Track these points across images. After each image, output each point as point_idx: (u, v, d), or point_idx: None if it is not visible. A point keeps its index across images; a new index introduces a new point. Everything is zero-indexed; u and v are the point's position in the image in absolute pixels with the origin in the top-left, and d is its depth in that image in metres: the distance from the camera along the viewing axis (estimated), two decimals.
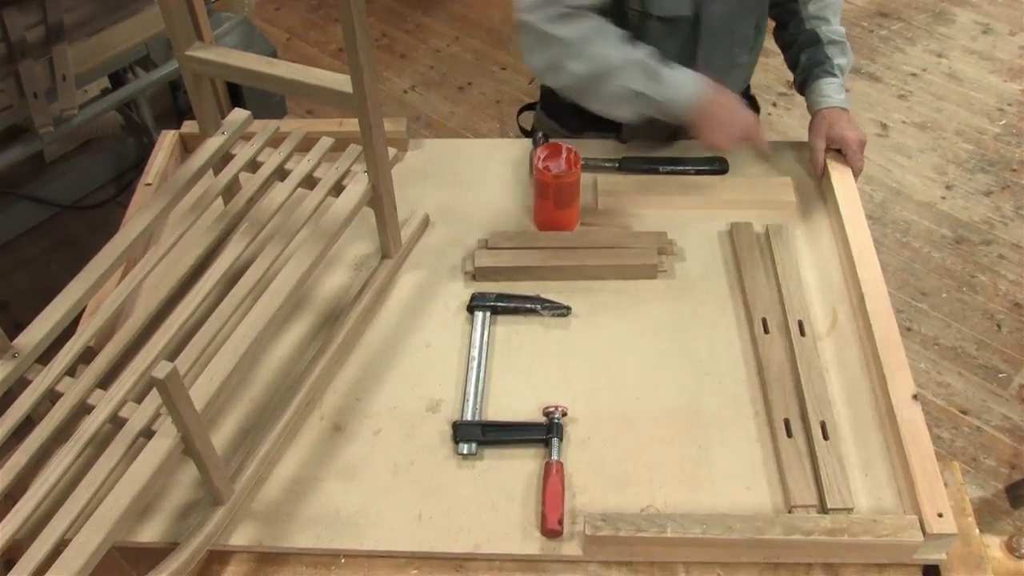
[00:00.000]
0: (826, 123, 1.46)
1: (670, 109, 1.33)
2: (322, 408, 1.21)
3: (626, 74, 1.31)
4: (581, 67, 1.32)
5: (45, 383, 1.06)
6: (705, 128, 1.35)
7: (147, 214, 1.23)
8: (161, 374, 0.86)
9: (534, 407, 1.19)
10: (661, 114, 1.35)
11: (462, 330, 1.30)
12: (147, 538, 1.08)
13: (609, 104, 1.35)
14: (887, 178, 2.81)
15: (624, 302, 1.33)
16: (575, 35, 1.32)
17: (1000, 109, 3.05)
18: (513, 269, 1.35)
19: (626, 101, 1.34)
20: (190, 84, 1.28)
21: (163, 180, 1.49)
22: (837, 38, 1.50)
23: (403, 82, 3.24)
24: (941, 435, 2.15)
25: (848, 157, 1.46)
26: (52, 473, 0.99)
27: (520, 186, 1.51)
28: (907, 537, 1.02)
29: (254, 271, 1.17)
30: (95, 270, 1.16)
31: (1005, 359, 2.31)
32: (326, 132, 1.41)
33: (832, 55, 1.49)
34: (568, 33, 1.32)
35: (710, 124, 1.34)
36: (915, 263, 2.55)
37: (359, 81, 1.11)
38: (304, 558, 1.08)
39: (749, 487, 1.11)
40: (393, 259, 1.36)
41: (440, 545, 1.07)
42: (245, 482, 1.10)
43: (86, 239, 2.58)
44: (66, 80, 1.97)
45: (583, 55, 1.32)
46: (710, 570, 1.07)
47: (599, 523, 1.04)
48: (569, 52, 1.32)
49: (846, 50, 1.51)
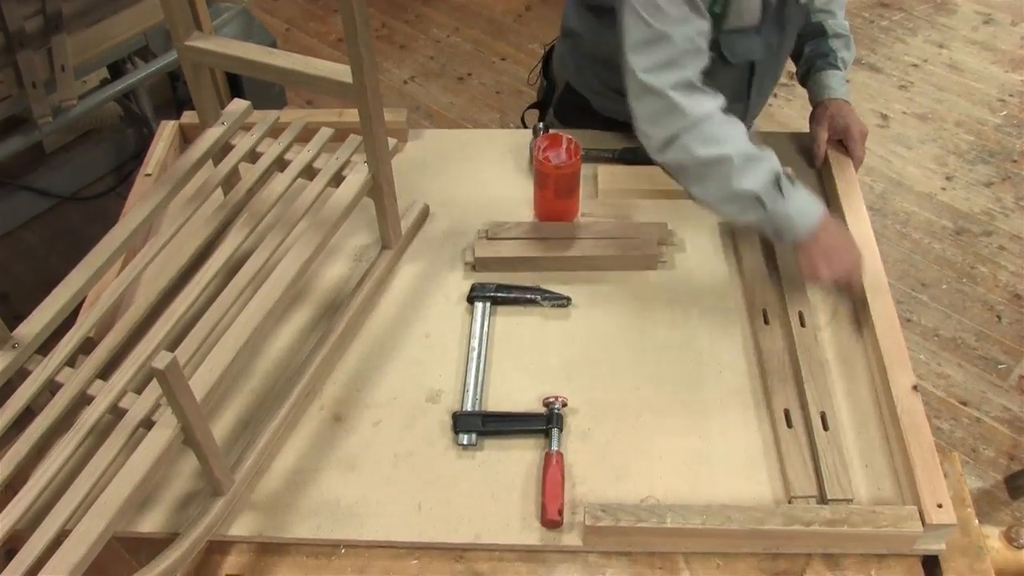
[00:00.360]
0: (828, 114, 1.46)
1: (781, 228, 1.21)
2: (322, 399, 1.21)
3: (750, 176, 1.17)
4: (705, 151, 1.18)
5: (45, 374, 1.06)
6: (813, 259, 1.21)
7: (147, 205, 1.23)
8: (161, 364, 0.86)
9: (534, 397, 1.19)
10: (768, 228, 1.23)
11: (462, 321, 1.30)
12: (148, 528, 1.08)
13: (719, 199, 1.21)
14: (887, 169, 2.81)
15: (624, 293, 1.33)
16: (701, 113, 1.19)
17: (1001, 100, 3.04)
18: (513, 260, 1.35)
19: (740, 202, 1.19)
20: (189, 74, 1.27)
21: (163, 171, 1.49)
22: (842, 31, 1.49)
23: (403, 72, 3.23)
24: (941, 426, 2.15)
25: (850, 148, 1.45)
26: (52, 463, 0.99)
27: (520, 176, 1.50)
28: (907, 528, 1.02)
29: (254, 262, 1.17)
30: (95, 261, 1.16)
31: (1005, 350, 2.31)
32: (326, 122, 1.40)
33: (836, 48, 1.48)
34: (695, 109, 1.18)
35: (819, 256, 1.21)
36: (915, 254, 2.55)
37: (359, 71, 1.11)
38: (304, 548, 1.08)
39: (749, 478, 1.12)
40: (393, 250, 1.36)
41: (440, 535, 1.07)
42: (245, 473, 1.10)
43: (86, 230, 2.58)
44: (65, 70, 1.97)
45: (710, 139, 1.18)
46: (710, 561, 1.07)
47: (599, 513, 1.04)
48: (695, 132, 1.18)
49: (850, 44, 1.50)
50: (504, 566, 1.07)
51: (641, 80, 1.19)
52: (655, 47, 1.18)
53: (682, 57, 1.18)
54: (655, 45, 1.18)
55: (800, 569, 1.06)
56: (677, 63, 1.18)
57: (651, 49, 1.18)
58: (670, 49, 1.17)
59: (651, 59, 1.18)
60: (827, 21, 1.48)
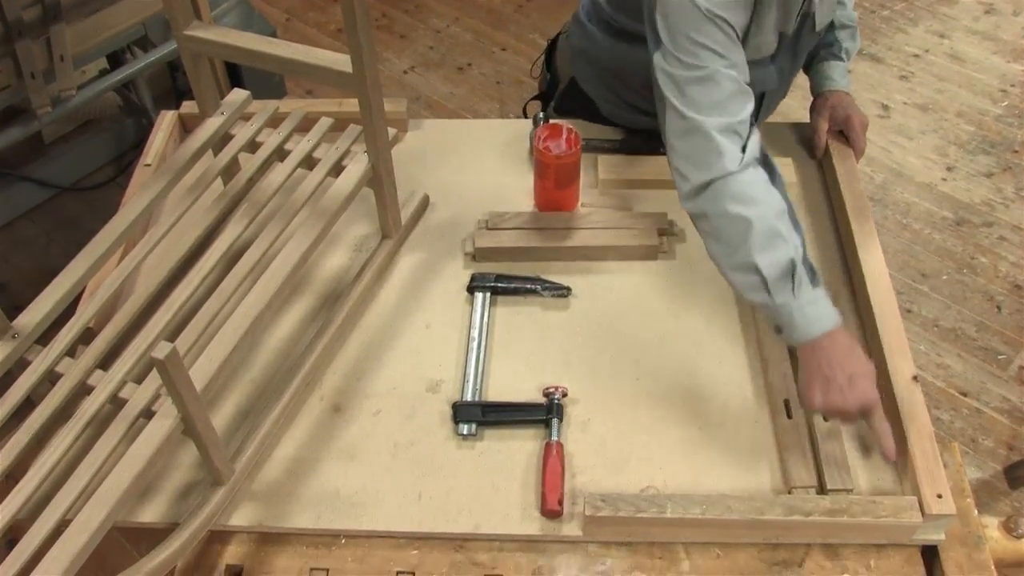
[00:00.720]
0: (829, 104, 1.45)
1: (783, 323, 1.08)
2: (322, 389, 1.21)
3: (765, 252, 1.06)
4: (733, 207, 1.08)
5: (45, 364, 1.06)
6: (809, 378, 1.07)
7: (146, 195, 1.22)
8: (161, 354, 0.86)
9: (534, 388, 1.19)
10: (770, 318, 1.11)
11: (462, 311, 1.30)
12: (148, 518, 1.08)
13: (729, 264, 1.11)
14: (888, 159, 2.80)
15: (625, 283, 1.33)
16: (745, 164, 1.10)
17: (1002, 90, 3.03)
18: (513, 250, 1.35)
19: (746, 275, 1.09)
20: (189, 64, 1.27)
21: (162, 161, 1.48)
22: (848, 23, 1.48)
23: (403, 63, 3.22)
24: (940, 416, 2.16)
25: (851, 138, 1.45)
26: (53, 454, 0.99)
27: (520, 166, 1.50)
28: (906, 518, 1.02)
29: (254, 252, 1.17)
30: (94, 251, 1.15)
31: (1005, 341, 2.31)
32: (326, 112, 1.40)
33: (842, 39, 1.47)
34: (740, 158, 1.10)
35: (815, 376, 1.06)
36: (915, 245, 2.55)
37: (359, 61, 1.10)
38: (304, 538, 1.09)
39: (749, 468, 1.12)
40: (393, 240, 1.36)
41: (440, 525, 1.07)
42: (245, 463, 1.10)
43: (85, 220, 2.58)
44: (64, 60, 1.96)
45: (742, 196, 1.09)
46: (709, 551, 1.07)
47: (599, 503, 1.04)
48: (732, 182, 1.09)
49: (856, 35, 1.49)
50: (504, 556, 1.07)
51: (689, 118, 1.11)
52: (702, 87, 1.11)
53: (730, 100, 1.11)
54: (703, 85, 1.11)
55: (800, 559, 1.06)
56: (724, 106, 1.11)
57: (698, 89, 1.11)
58: (716, 91, 1.11)
59: (698, 99, 1.11)
60: (835, 11, 1.46)
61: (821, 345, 1.06)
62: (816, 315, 1.07)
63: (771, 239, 1.07)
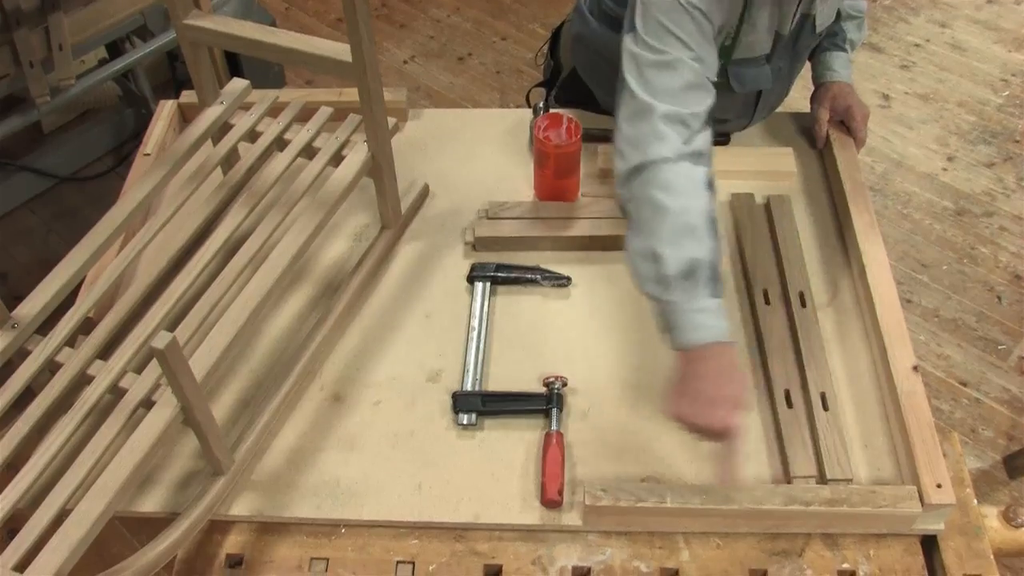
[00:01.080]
0: (830, 94, 1.45)
1: (669, 323, 1.04)
2: (322, 378, 1.21)
3: (674, 245, 1.03)
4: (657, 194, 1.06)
5: (45, 354, 1.06)
6: (677, 387, 1.02)
7: (146, 184, 1.22)
8: (161, 344, 0.86)
9: (534, 377, 1.19)
10: (658, 315, 1.07)
11: (462, 300, 1.29)
12: (148, 508, 1.08)
13: (636, 250, 1.08)
14: (888, 149, 2.79)
15: (625, 273, 1.31)
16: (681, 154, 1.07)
17: (1004, 80, 3.03)
18: (513, 239, 1.34)
19: (649, 265, 1.05)
20: (188, 54, 1.26)
21: (162, 150, 1.48)
22: (855, 13, 1.46)
23: (403, 52, 3.21)
24: (940, 407, 2.16)
25: (852, 129, 1.45)
26: (53, 443, 0.99)
27: (520, 156, 1.50)
28: (906, 507, 1.02)
29: (253, 241, 1.17)
30: (94, 240, 1.15)
31: (1005, 331, 2.31)
32: (325, 102, 1.40)
33: (847, 29, 1.46)
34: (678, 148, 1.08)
35: (684, 387, 1.01)
36: (916, 235, 2.54)
37: (358, 50, 1.10)
38: (304, 528, 1.09)
39: (749, 458, 1.12)
40: (393, 229, 1.36)
41: (440, 515, 1.08)
42: (245, 452, 1.10)
43: (85, 210, 2.57)
44: (62, 50, 1.96)
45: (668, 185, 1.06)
46: (709, 540, 1.07)
47: (599, 493, 1.04)
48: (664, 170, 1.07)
49: (862, 25, 1.48)
50: (504, 546, 1.07)
51: (639, 99, 1.10)
52: (661, 72, 1.10)
53: (685, 90, 1.10)
54: (662, 70, 1.10)
55: (799, 549, 1.06)
56: (677, 95, 1.10)
57: (656, 73, 1.10)
58: (674, 78, 1.10)
59: (654, 82, 1.10)
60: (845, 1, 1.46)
61: (700, 355, 1.01)
62: (704, 323, 1.02)
63: (683, 234, 1.04)
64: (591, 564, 1.05)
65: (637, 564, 1.05)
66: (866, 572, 1.04)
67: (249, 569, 1.06)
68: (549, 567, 1.05)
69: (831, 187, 1.44)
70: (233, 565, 1.06)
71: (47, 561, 0.88)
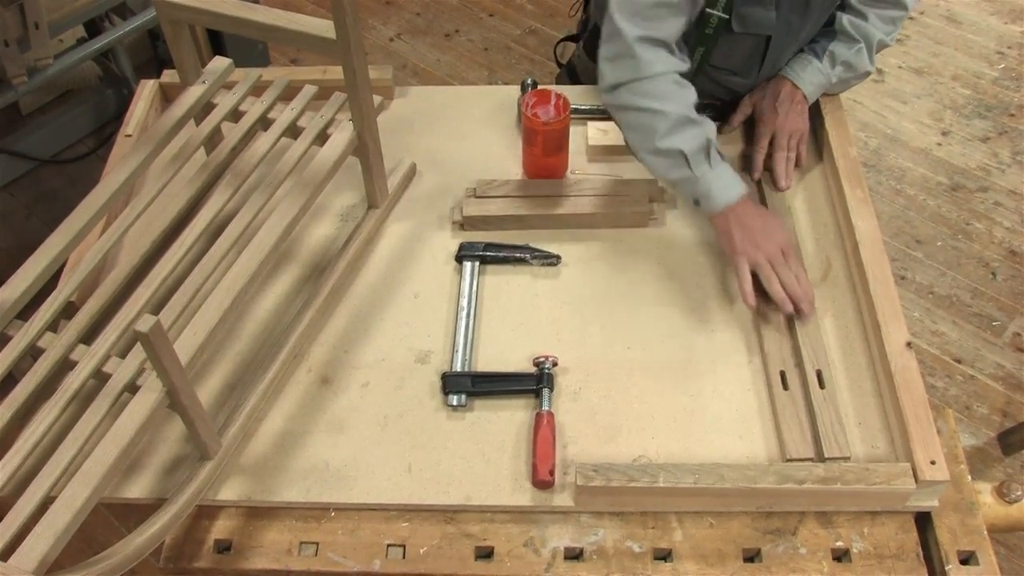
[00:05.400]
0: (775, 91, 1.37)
1: (700, 195, 1.21)
2: (309, 361, 1.19)
3: (681, 136, 1.19)
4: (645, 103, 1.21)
5: (26, 339, 1.04)
6: (728, 232, 1.20)
7: (128, 165, 1.20)
8: (145, 328, 0.84)
9: (524, 357, 1.18)
10: (688, 192, 1.23)
11: (450, 280, 1.28)
12: (135, 494, 1.07)
13: (647, 150, 1.23)
14: (882, 124, 2.78)
15: (615, 251, 1.31)
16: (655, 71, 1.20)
17: (1000, 52, 3.00)
18: (502, 218, 1.33)
19: (666, 158, 1.21)
20: (168, 32, 1.24)
21: (143, 131, 1.46)
22: (851, 31, 1.36)
23: (389, 30, 3.18)
24: (935, 383, 2.16)
25: (774, 144, 1.36)
26: (36, 429, 0.97)
27: (508, 134, 1.48)
28: (900, 484, 1.02)
29: (238, 222, 1.15)
30: (75, 223, 1.13)
31: (999, 307, 2.31)
32: (310, 80, 1.37)
33: (833, 46, 1.36)
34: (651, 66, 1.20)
35: (735, 229, 1.20)
36: (910, 211, 2.53)
37: (343, 26, 1.08)
38: (293, 512, 1.08)
39: (742, 436, 1.11)
40: (380, 209, 1.34)
41: (430, 497, 1.07)
42: (232, 436, 1.09)
43: (66, 193, 2.54)
44: (39, 28, 1.92)
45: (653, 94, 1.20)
46: (702, 520, 1.06)
47: (590, 473, 1.03)
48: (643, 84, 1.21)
49: (858, 53, 1.36)
50: (495, 527, 1.06)
51: (616, 23, 1.20)
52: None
53: (656, 11, 1.20)
54: None
55: (793, 527, 1.05)
56: (650, 17, 1.20)
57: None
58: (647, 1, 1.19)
59: (629, 6, 1.19)
60: (846, 18, 1.36)
61: (737, 209, 1.20)
62: (729, 183, 1.21)
63: (685, 125, 1.19)
64: (583, 545, 1.05)
65: (630, 544, 1.05)
66: (860, 549, 1.04)
67: (238, 554, 1.05)
68: (541, 548, 1.05)
69: (824, 163, 1.42)
70: (222, 550, 1.06)
71: (32, 548, 0.87)
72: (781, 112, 1.36)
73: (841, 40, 1.37)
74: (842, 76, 1.38)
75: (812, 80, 1.37)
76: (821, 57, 1.37)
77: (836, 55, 1.37)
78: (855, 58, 1.37)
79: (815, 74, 1.37)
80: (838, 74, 1.37)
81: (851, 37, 1.36)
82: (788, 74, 1.38)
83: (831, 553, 1.04)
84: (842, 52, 1.36)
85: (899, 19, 1.37)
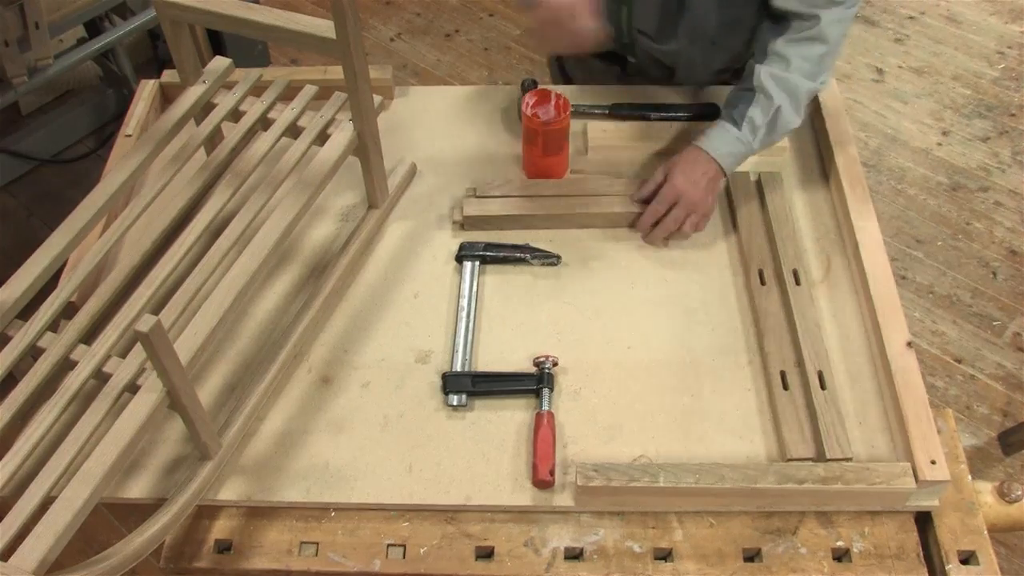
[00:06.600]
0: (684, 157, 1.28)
1: None
2: (310, 361, 1.19)
3: None
4: None
5: (27, 339, 1.04)
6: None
7: (128, 165, 1.20)
8: (145, 328, 0.84)
9: (524, 357, 1.18)
10: None
11: (451, 280, 1.28)
12: (135, 494, 1.07)
13: None
14: (882, 124, 2.78)
15: (615, 250, 1.31)
16: None
17: (1000, 52, 3.00)
18: (502, 218, 1.33)
19: None
20: (168, 32, 1.24)
21: (143, 131, 1.46)
22: (774, 91, 1.23)
23: (389, 30, 3.18)
24: (935, 383, 2.16)
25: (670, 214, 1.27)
26: (37, 430, 0.97)
27: (508, 134, 1.48)
28: (900, 484, 1.02)
29: (238, 222, 1.15)
30: (75, 223, 1.13)
31: (1000, 307, 2.31)
32: (310, 80, 1.37)
33: (751, 110, 1.25)
34: None
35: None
36: (910, 211, 2.53)
37: (343, 26, 1.07)
38: (294, 512, 1.08)
39: (742, 436, 1.11)
40: (380, 209, 1.34)
41: (431, 497, 1.07)
42: (233, 436, 1.09)
43: (66, 193, 2.55)
44: (39, 28, 1.92)
45: None
46: (703, 520, 1.06)
47: (591, 473, 1.03)
48: None
49: (777, 113, 1.24)
50: (496, 527, 1.06)
51: None
52: None
53: None
54: None
55: (793, 527, 1.05)
56: None
57: None
58: None
59: None
60: (766, 71, 1.24)
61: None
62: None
63: None
64: (583, 545, 1.05)
65: (630, 544, 1.05)
66: (860, 549, 1.04)
67: (238, 554, 1.05)
68: (542, 548, 1.05)
69: (824, 163, 1.42)
70: (222, 550, 1.06)
71: (32, 548, 0.87)
72: (680, 178, 1.26)
73: (759, 103, 1.25)
74: (765, 140, 1.27)
75: (730, 151, 1.27)
76: (740, 125, 1.26)
77: (755, 122, 1.25)
78: (777, 120, 1.25)
79: (733, 144, 1.27)
80: (760, 139, 1.26)
81: (769, 96, 1.24)
82: (703, 144, 1.28)
83: (831, 553, 1.04)
84: (759, 117, 1.25)
85: (826, 56, 1.25)
